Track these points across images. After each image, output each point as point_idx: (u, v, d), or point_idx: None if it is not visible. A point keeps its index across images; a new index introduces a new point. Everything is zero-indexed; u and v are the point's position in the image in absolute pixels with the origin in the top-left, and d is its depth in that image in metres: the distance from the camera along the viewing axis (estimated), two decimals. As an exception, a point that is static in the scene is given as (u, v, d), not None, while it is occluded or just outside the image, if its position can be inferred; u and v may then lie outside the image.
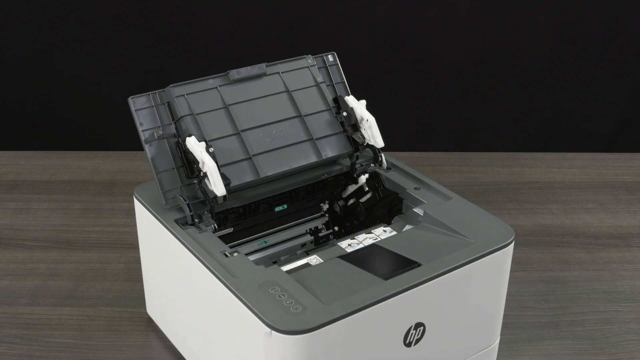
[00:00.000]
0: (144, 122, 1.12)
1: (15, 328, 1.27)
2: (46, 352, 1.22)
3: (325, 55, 1.27)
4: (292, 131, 1.19)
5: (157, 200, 1.12)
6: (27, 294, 1.35)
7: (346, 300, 0.94)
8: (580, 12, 2.23)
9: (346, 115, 1.22)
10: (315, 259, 1.10)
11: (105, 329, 1.27)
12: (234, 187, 1.12)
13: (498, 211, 1.61)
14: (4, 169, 1.76)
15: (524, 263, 1.45)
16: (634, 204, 1.67)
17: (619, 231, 1.57)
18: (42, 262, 1.43)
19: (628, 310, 1.33)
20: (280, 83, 1.21)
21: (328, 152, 1.20)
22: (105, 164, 1.80)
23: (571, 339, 1.27)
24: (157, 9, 2.20)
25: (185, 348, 1.18)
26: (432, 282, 0.99)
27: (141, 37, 2.23)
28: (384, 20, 2.24)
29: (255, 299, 0.94)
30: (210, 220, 1.10)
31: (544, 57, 2.28)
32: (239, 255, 1.03)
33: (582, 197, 1.68)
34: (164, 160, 1.12)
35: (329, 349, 0.92)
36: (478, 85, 2.31)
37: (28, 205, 1.62)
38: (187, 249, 1.05)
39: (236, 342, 0.99)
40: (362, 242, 1.14)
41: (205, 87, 1.16)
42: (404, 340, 1.00)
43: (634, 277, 1.42)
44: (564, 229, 1.57)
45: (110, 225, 1.55)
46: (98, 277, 1.40)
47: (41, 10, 2.18)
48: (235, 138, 1.15)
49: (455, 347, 1.09)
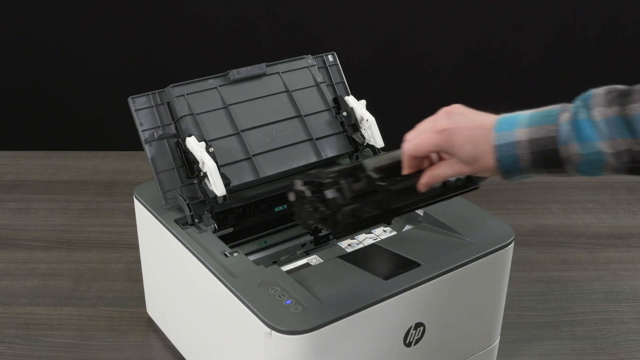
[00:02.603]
0: (144, 122, 1.12)
1: (15, 328, 1.27)
2: (46, 352, 1.22)
3: (325, 55, 1.27)
4: (292, 131, 1.19)
5: (157, 200, 1.12)
6: (27, 294, 1.35)
7: (346, 300, 0.94)
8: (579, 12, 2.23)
9: (346, 115, 1.22)
10: (315, 259, 1.10)
11: (105, 329, 1.27)
12: (234, 187, 1.12)
13: (498, 211, 1.61)
14: (4, 169, 1.76)
15: (524, 263, 1.45)
16: (634, 204, 1.67)
17: (619, 231, 1.57)
18: (42, 262, 1.43)
19: (628, 310, 1.33)
20: (280, 83, 1.21)
21: (328, 152, 1.20)
22: (105, 164, 1.80)
23: (571, 339, 1.27)
24: (158, 9, 2.20)
25: (185, 348, 1.18)
26: (432, 282, 0.99)
27: (141, 37, 2.23)
28: (384, 20, 2.24)
29: (255, 299, 0.94)
30: (210, 220, 1.10)
31: (543, 57, 2.28)
32: (239, 255, 1.03)
33: (582, 197, 1.68)
34: (164, 160, 1.12)
35: (329, 349, 0.92)
36: (478, 85, 2.31)
37: (28, 205, 1.62)
38: (187, 249, 1.04)
39: (236, 342, 0.99)
40: (362, 242, 1.14)
41: (205, 87, 1.16)
42: (404, 340, 1.00)
43: (634, 277, 1.42)
44: (564, 229, 1.57)
45: (110, 225, 1.55)
46: (98, 277, 1.40)
47: (41, 10, 2.18)
48: (235, 138, 1.15)
49: (455, 347, 1.09)
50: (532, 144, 0.80)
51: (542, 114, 0.81)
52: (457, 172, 0.86)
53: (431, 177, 0.88)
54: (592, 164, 0.78)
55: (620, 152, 0.76)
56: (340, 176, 0.91)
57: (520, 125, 0.81)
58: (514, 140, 0.80)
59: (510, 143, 0.80)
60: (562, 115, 0.79)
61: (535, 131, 0.80)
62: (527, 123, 0.80)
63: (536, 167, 0.81)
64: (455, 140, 0.84)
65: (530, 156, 0.80)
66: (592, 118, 0.77)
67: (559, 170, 0.80)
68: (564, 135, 0.78)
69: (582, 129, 0.77)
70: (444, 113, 0.87)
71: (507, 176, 0.83)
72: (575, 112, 0.78)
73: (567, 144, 0.78)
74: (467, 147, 0.83)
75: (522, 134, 0.80)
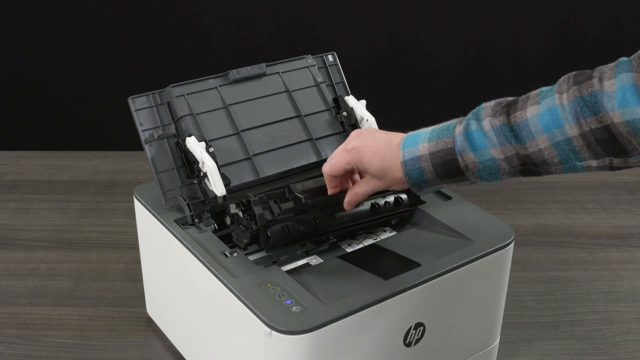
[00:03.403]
0: (144, 122, 1.12)
1: (15, 328, 1.27)
2: (46, 352, 1.22)
3: (325, 55, 1.27)
4: (292, 131, 1.19)
5: (157, 200, 1.12)
6: (27, 294, 1.35)
7: (346, 300, 0.94)
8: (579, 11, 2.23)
9: (346, 115, 1.22)
10: (315, 259, 1.10)
11: (105, 329, 1.27)
12: (234, 187, 1.12)
13: (498, 211, 1.61)
14: (4, 169, 1.76)
15: (524, 263, 1.45)
16: (634, 204, 1.67)
17: (619, 231, 1.57)
18: (42, 262, 1.43)
19: (628, 310, 1.33)
20: (280, 83, 1.21)
21: (328, 152, 1.20)
22: (105, 164, 1.80)
23: (571, 339, 1.27)
24: (158, 9, 2.20)
25: (185, 348, 1.18)
26: (432, 282, 0.99)
27: (141, 37, 2.23)
28: (384, 20, 2.24)
29: (255, 299, 0.94)
30: (210, 220, 1.10)
31: (543, 57, 2.28)
32: (239, 255, 1.03)
33: (582, 197, 1.68)
34: (164, 160, 1.12)
35: (329, 349, 0.92)
36: (478, 84, 2.31)
37: (28, 205, 1.62)
38: (187, 249, 1.05)
39: (236, 342, 0.99)
40: (362, 242, 1.14)
41: (205, 87, 1.16)
42: (404, 340, 1.00)
43: (634, 277, 1.42)
44: (564, 229, 1.57)
45: (110, 225, 1.55)
46: (98, 277, 1.40)
47: (41, 10, 2.18)
48: (235, 138, 1.15)
49: (455, 347, 1.09)
50: (433, 156, 0.87)
51: (441, 128, 0.88)
52: (372, 187, 0.94)
53: (352, 195, 0.97)
54: (488, 170, 0.85)
55: (509, 157, 0.83)
56: (269, 197, 1.03)
57: (422, 140, 0.88)
58: (418, 155, 0.88)
59: (415, 157, 0.88)
60: (457, 127, 0.86)
61: (435, 144, 0.87)
62: (428, 138, 0.88)
63: (440, 177, 0.88)
64: (363, 157, 0.92)
65: (432, 168, 0.87)
66: (482, 128, 0.84)
67: (462, 178, 0.87)
68: (459, 146, 0.85)
69: (474, 138, 0.84)
70: (354, 134, 0.95)
71: (417, 189, 0.91)
72: (467, 124, 0.86)
73: (462, 153, 0.85)
74: (375, 161, 0.91)
75: (424, 149, 0.88)
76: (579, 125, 0.78)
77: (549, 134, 0.80)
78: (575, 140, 0.79)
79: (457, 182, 0.88)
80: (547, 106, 0.80)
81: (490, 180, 0.86)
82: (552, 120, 0.80)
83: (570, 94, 0.79)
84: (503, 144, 0.82)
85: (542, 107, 0.81)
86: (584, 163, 0.80)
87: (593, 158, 0.79)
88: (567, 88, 0.80)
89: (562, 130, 0.79)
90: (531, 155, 0.82)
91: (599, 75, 0.78)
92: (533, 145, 0.81)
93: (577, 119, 0.78)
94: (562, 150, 0.80)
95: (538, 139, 0.81)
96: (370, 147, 0.92)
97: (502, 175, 0.85)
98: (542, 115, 0.80)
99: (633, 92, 0.75)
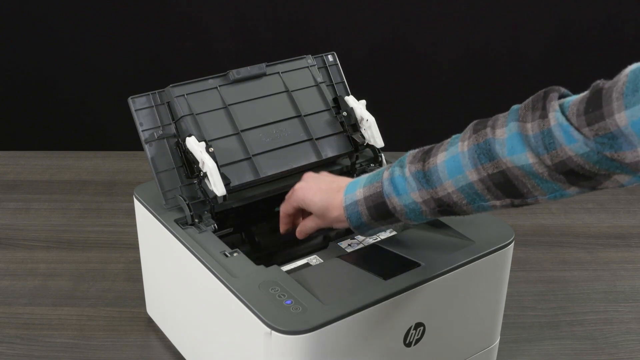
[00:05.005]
0: (144, 122, 1.12)
1: (15, 328, 1.27)
2: (46, 352, 1.22)
3: (325, 55, 1.27)
4: (292, 131, 1.19)
5: (157, 200, 1.12)
6: (27, 294, 1.35)
7: (346, 300, 0.94)
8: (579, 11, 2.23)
9: (346, 115, 1.22)
10: (315, 259, 1.10)
11: (105, 329, 1.27)
12: (234, 187, 1.12)
13: (498, 211, 1.61)
14: (4, 169, 1.76)
15: (524, 263, 1.45)
16: (634, 204, 1.67)
17: (619, 231, 1.57)
18: (42, 262, 1.43)
19: (628, 310, 1.33)
20: (280, 83, 1.21)
21: (328, 152, 1.20)
22: (105, 164, 1.80)
23: (571, 339, 1.27)
24: (158, 9, 2.20)
25: (185, 348, 1.18)
26: (432, 282, 0.99)
27: (141, 37, 2.23)
28: (384, 20, 2.24)
29: (255, 299, 0.94)
30: (210, 220, 1.10)
31: (543, 56, 2.28)
32: (239, 255, 1.03)
33: (582, 197, 1.68)
34: (164, 160, 1.12)
35: (329, 349, 0.92)
36: (478, 84, 2.31)
37: (28, 205, 1.62)
38: (187, 249, 1.04)
39: (236, 342, 0.99)
40: (362, 242, 1.14)
41: (205, 87, 1.16)
42: (404, 340, 1.00)
43: (634, 277, 1.42)
44: (564, 229, 1.57)
45: (110, 225, 1.55)
46: (98, 277, 1.40)
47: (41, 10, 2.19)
48: (235, 138, 1.15)
49: (455, 347, 1.09)
50: (367, 200, 0.94)
51: (374, 175, 0.96)
52: (317, 224, 1.02)
53: (301, 226, 1.05)
54: (413, 212, 0.91)
55: (427, 200, 0.89)
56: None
57: (359, 186, 0.96)
58: (355, 200, 0.95)
59: (354, 202, 0.96)
60: (385, 173, 0.94)
61: (368, 189, 0.94)
62: (364, 183, 0.96)
63: (375, 219, 0.95)
64: (306, 196, 1.01)
65: (367, 210, 0.94)
66: (404, 175, 0.91)
67: (394, 219, 0.94)
68: (386, 190, 0.92)
69: (397, 184, 0.91)
70: (305, 176, 1.05)
71: (359, 232, 0.98)
72: (392, 170, 0.93)
73: (389, 197, 0.92)
74: (316, 201, 1.00)
75: (360, 193, 0.95)
76: (478, 171, 0.85)
77: (454, 179, 0.87)
78: (476, 184, 0.85)
79: (390, 223, 0.95)
80: (452, 153, 0.87)
81: (418, 220, 0.93)
82: (455, 167, 0.86)
83: (470, 142, 0.86)
84: (420, 189, 0.89)
85: (448, 153, 0.88)
86: (489, 203, 0.87)
87: (495, 199, 0.86)
88: (468, 136, 0.86)
89: (464, 176, 0.86)
90: (442, 199, 0.88)
91: (492, 123, 0.84)
92: (442, 189, 0.88)
93: (475, 165, 0.85)
94: (467, 194, 0.87)
95: (445, 184, 0.87)
96: (312, 188, 1.01)
97: (426, 216, 0.92)
98: (447, 161, 0.87)
99: (519, 140, 0.81)
